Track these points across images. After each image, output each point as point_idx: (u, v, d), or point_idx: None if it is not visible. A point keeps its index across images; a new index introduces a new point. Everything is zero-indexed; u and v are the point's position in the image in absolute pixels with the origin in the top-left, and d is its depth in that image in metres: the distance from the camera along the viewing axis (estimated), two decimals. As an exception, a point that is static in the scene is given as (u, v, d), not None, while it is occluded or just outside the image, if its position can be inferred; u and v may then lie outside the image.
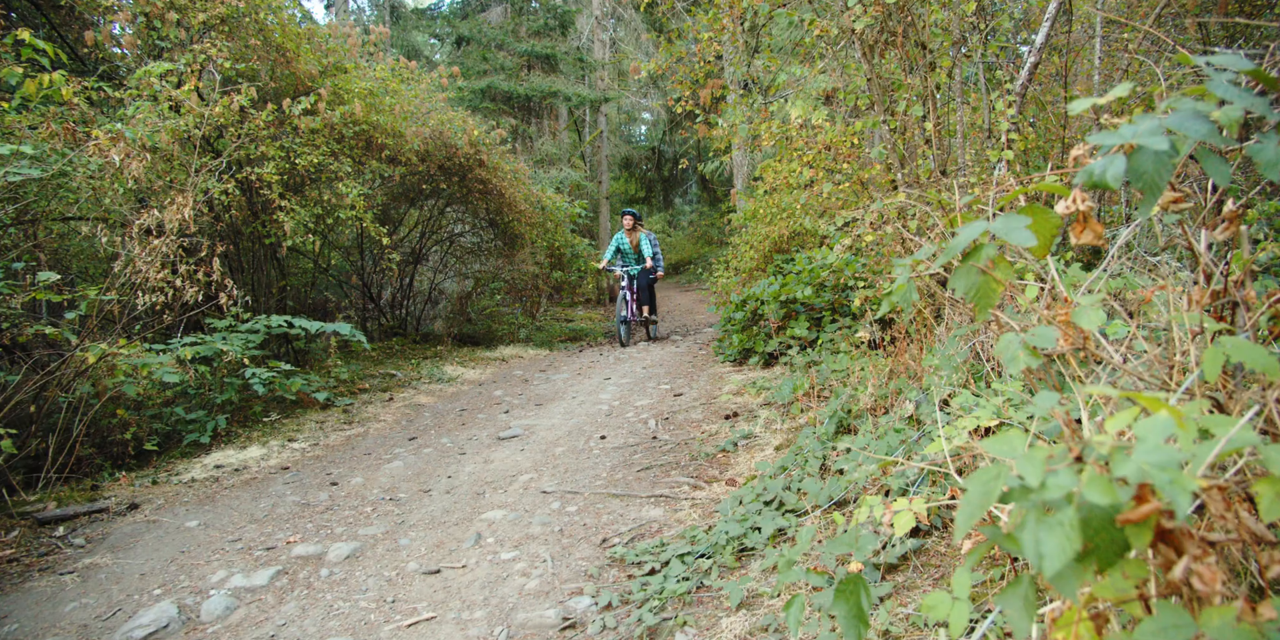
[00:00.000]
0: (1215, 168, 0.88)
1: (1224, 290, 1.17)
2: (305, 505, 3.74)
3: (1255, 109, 0.80)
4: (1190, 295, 1.16)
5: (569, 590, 2.61)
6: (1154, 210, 1.18)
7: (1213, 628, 0.67)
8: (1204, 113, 0.83)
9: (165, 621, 2.54)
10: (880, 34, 3.41)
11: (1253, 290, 1.14)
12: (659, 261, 10.55)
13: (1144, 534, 0.69)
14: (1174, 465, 0.63)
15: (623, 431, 4.77)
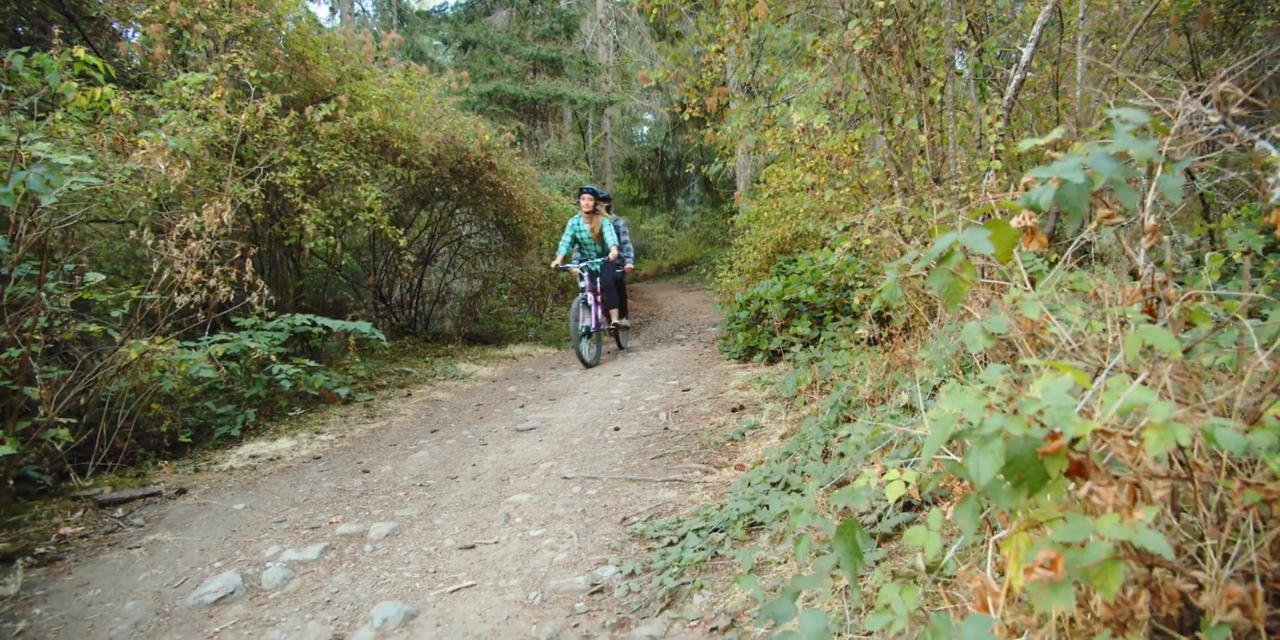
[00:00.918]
0: (1125, 194, 1.15)
1: (1151, 288, 1.44)
2: (341, 490, 4.02)
3: (1144, 153, 1.07)
4: (1124, 292, 1.43)
5: (595, 561, 2.88)
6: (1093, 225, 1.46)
7: (1103, 528, 0.94)
8: (1111, 154, 1.10)
9: (231, 588, 2.82)
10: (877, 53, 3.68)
11: (1172, 289, 1.40)
12: (628, 251, 8.96)
13: (1057, 463, 0.96)
14: (1067, 407, 0.89)
15: (635, 423, 5.04)
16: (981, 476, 0.92)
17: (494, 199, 10.53)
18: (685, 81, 7.21)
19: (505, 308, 12.43)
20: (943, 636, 0.99)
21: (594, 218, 8.62)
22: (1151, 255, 1.48)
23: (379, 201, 7.64)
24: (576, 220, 8.60)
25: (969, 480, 0.97)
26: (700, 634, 2.27)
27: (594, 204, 8.54)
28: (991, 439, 0.94)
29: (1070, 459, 1.01)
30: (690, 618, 2.36)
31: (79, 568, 3.06)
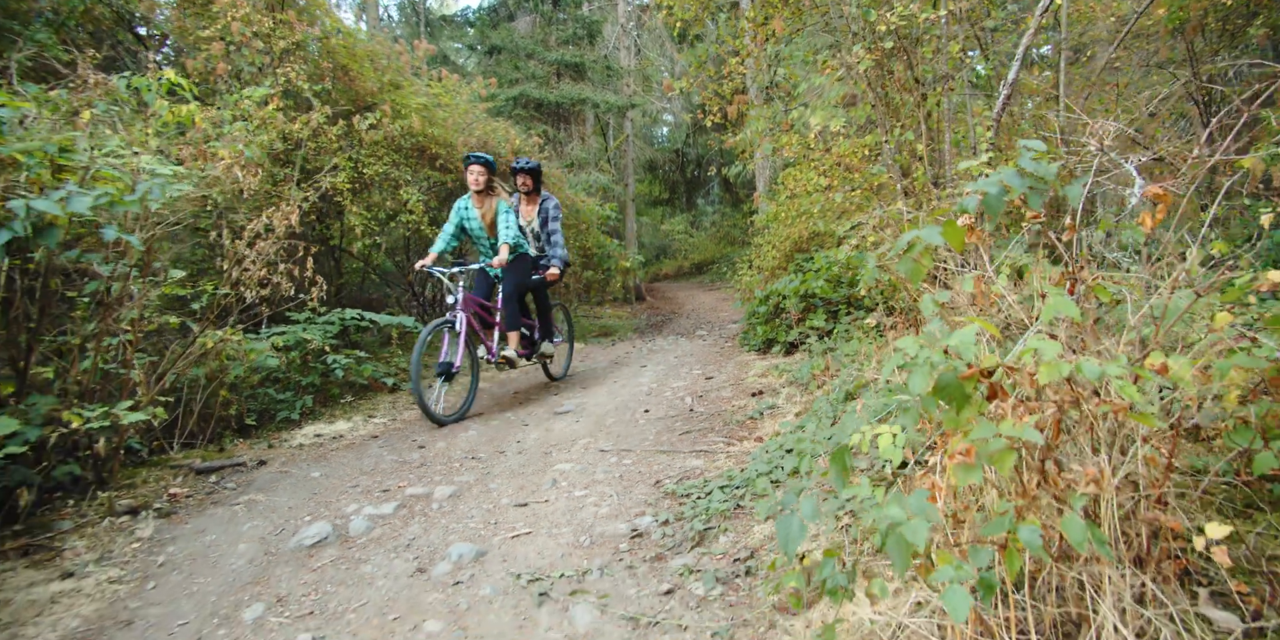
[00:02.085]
0: (1033, 200, 1.60)
1: (1073, 271, 1.89)
2: (402, 462, 4.52)
3: (1041, 173, 1.53)
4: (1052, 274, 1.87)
5: (634, 513, 3.36)
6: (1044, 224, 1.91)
7: (1003, 429, 1.39)
8: (1020, 172, 1.55)
9: (325, 534, 3.32)
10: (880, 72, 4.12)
11: (1086, 272, 1.85)
12: (556, 250, 6.67)
13: (972, 384, 1.41)
14: (969, 342, 1.35)
15: (663, 406, 5.51)
16: (915, 388, 1.37)
17: (523, 201, 11.02)
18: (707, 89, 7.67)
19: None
20: (895, 503, 1.44)
21: (487, 199, 6.10)
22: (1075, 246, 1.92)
23: (419, 204, 8.17)
24: (464, 203, 6.13)
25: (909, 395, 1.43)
26: (726, 563, 2.73)
27: (487, 179, 5.99)
28: (922, 365, 1.40)
29: (989, 385, 1.46)
30: (717, 552, 2.83)
31: (193, 519, 3.58)
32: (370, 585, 2.86)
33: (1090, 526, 1.42)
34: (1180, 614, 1.67)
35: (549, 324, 6.79)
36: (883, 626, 2.05)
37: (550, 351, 6.74)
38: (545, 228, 6.71)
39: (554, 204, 6.71)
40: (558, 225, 6.67)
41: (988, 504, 1.65)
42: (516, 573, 2.83)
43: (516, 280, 6.16)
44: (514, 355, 6.09)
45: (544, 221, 6.71)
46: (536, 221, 6.73)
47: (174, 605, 2.78)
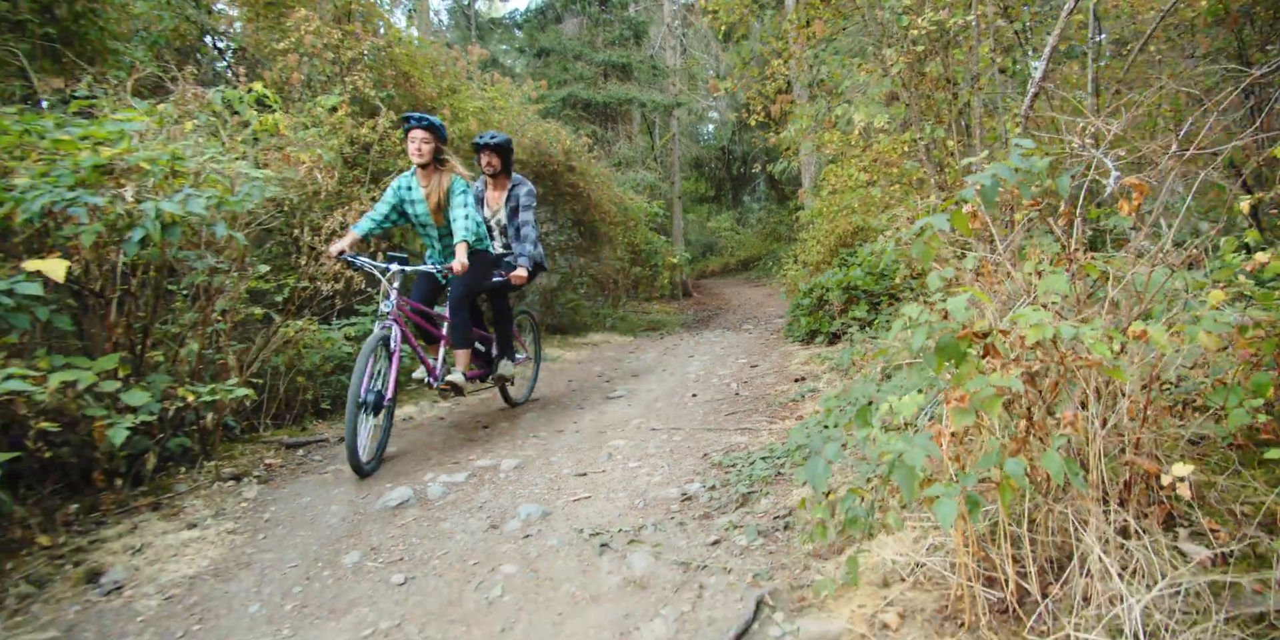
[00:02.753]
0: (1024, 189, 1.89)
1: (1070, 253, 2.16)
2: (469, 440, 4.91)
3: (1030, 166, 1.81)
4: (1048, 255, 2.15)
5: (683, 480, 3.69)
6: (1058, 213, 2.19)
7: (992, 380, 1.69)
8: (1012, 167, 1.84)
9: (406, 498, 3.71)
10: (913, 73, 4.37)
11: (1081, 254, 2.12)
12: (528, 244, 5.49)
13: (967, 343, 1.71)
14: (960, 307, 1.64)
15: (710, 391, 5.83)
16: (915, 346, 1.68)
17: (574, 199, 11.42)
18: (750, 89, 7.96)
19: (581, 302, 13.32)
20: (903, 440, 1.75)
21: (436, 176, 4.73)
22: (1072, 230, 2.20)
23: (477, 203, 8.60)
24: (405, 180, 4.83)
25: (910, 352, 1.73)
26: (766, 520, 3.05)
27: (433, 149, 4.65)
28: (921, 325, 1.70)
29: (984, 346, 1.76)
30: (758, 512, 3.15)
31: (288, 485, 4.01)
32: (450, 538, 3.24)
33: (1067, 461, 1.71)
34: (1154, 545, 1.94)
35: (508, 338, 5.51)
36: (903, 565, 2.35)
37: (510, 373, 5.45)
38: (514, 219, 5.50)
39: (527, 190, 5.47)
40: (530, 216, 5.45)
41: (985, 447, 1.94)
42: (579, 528, 3.19)
43: (469, 283, 4.83)
44: (462, 380, 4.80)
45: (513, 211, 5.51)
46: (504, 211, 5.55)
47: (283, 552, 3.19)
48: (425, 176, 4.74)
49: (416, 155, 4.63)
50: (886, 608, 2.20)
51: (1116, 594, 1.85)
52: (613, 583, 2.69)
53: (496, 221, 5.64)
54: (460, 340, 4.93)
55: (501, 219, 5.62)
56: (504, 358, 5.50)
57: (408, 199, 4.82)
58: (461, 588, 2.77)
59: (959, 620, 2.08)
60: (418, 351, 4.72)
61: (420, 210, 4.84)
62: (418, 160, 4.65)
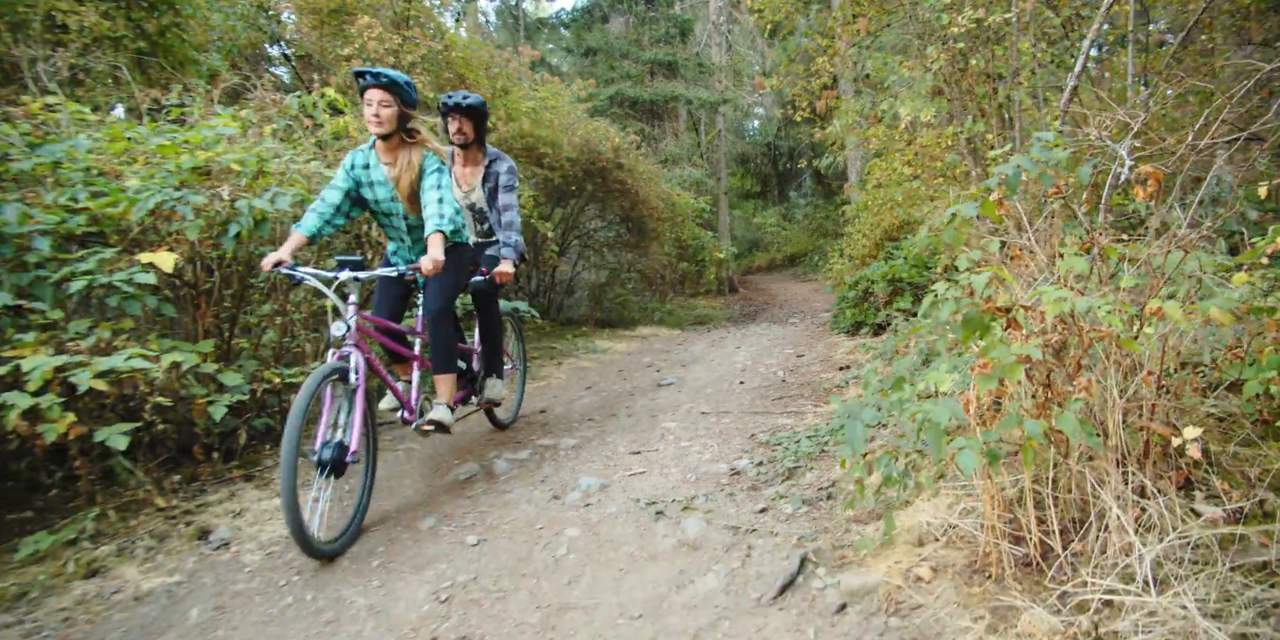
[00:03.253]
0: (1045, 179, 2.08)
1: (1093, 237, 2.34)
2: (528, 423, 5.19)
3: (1049, 157, 2.00)
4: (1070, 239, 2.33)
5: (732, 457, 3.92)
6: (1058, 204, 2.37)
7: (1013, 348, 1.88)
8: (1033, 158, 2.03)
9: (474, 472, 4.01)
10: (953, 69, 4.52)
11: (1102, 238, 2.29)
12: (511, 233, 4.40)
13: (990, 316, 1.91)
14: (983, 283, 1.84)
15: (757, 378, 6.04)
16: (941, 318, 1.88)
17: (622, 195, 11.67)
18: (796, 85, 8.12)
19: (629, 297, 13.57)
20: (931, 402, 1.95)
21: (404, 151, 3.68)
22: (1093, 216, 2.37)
23: (530, 199, 8.91)
24: (362, 156, 3.75)
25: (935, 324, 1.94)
26: (811, 491, 3.27)
27: (396, 114, 3.55)
28: (947, 300, 1.91)
29: (1007, 320, 1.96)
30: (803, 484, 3.37)
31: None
32: (516, 507, 3.51)
33: (1083, 423, 1.90)
34: (1168, 504, 2.12)
35: (497, 351, 4.52)
36: (937, 527, 2.56)
37: (500, 395, 4.48)
38: (494, 203, 4.41)
39: (508, 167, 4.37)
40: (513, 198, 4.37)
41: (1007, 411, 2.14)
42: (635, 498, 3.44)
43: (449, 288, 3.82)
44: (449, 417, 3.80)
45: (492, 193, 4.41)
46: (481, 192, 4.43)
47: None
48: (388, 151, 3.61)
49: (375, 123, 3.47)
50: (920, 563, 2.41)
51: (1131, 546, 2.03)
52: (668, 544, 2.93)
53: (471, 205, 4.49)
54: (444, 362, 3.81)
55: (478, 202, 4.48)
56: (492, 374, 4.48)
57: (365, 181, 3.67)
58: (530, 548, 3.04)
59: (987, 573, 2.28)
60: (387, 381, 3.68)
61: (383, 195, 3.69)
62: (377, 130, 3.49)
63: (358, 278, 3.35)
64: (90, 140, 3.92)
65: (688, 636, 2.27)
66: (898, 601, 2.30)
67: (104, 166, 3.97)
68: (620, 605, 2.51)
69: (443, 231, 3.43)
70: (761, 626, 2.29)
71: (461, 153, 4.43)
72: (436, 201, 3.49)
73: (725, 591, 2.52)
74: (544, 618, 2.47)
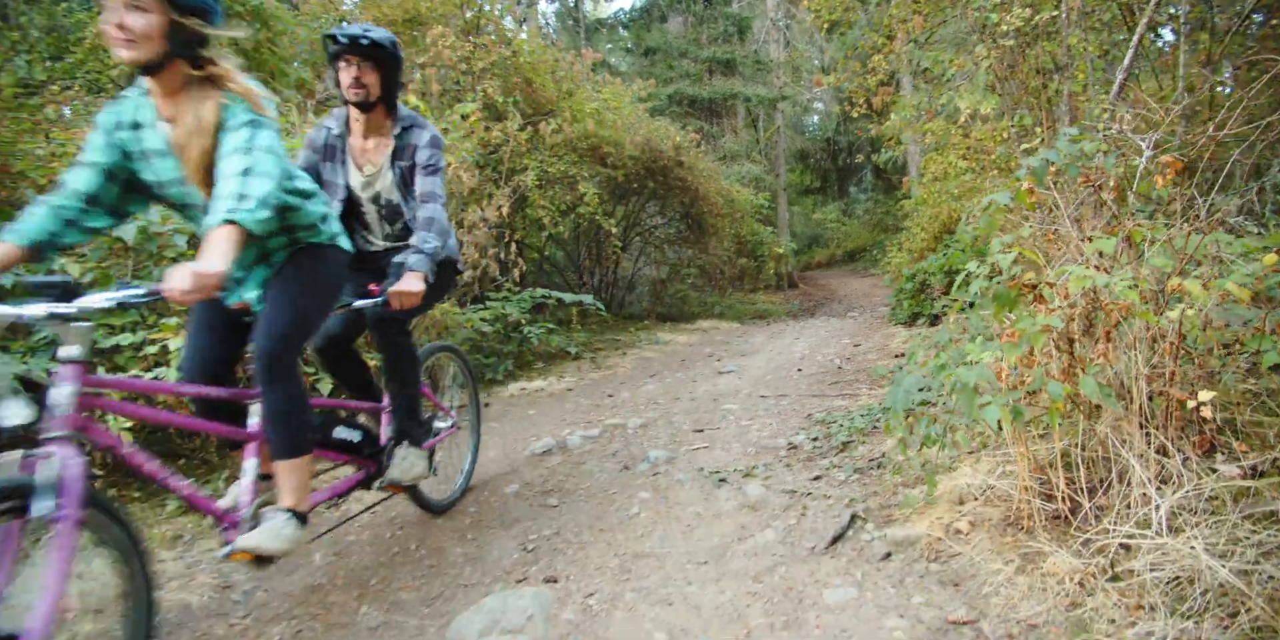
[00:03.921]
0: (1072, 170, 2.32)
1: (1119, 223, 2.55)
2: (596, 406, 5.55)
3: (1071, 150, 2.24)
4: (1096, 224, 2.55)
5: (789, 433, 4.20)
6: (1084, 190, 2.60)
7: (1038, 319, 2.13)
8: (1058, 151, 2.28)
9: (550, 446, 4.37)
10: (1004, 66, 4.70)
11: (1128, 222, 2.51)
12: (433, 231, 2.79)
13: (1015, 292, 2.16)
14: (1008, 260, 2.09)
15: (814, 366, 6.29)
16: (970, 294, 2.14)
17: (682, 192, 11.98)
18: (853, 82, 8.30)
19: (689, 292, 13.87)
20: (964, 368, 2.21)
21: (188, 99, 2.08)
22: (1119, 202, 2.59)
23: (595, 196, 9.28)
24: (129, 110, 2.14)
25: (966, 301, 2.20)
26: (863, 462, 3.53)
27: (163, 27, 1.95)
28: (978, 278, 2.17)
29: (1035, 295, 2.21)
30: (856, 456, 3.63)
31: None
32: (590, 476, 3.86)
33: (1101, 387, 2.15)
34: (1187, 463, 2.33)
35: (411, 407, 3.16)
36: (976, 488, 2.81)
37: (413, 475, 3.06)
38: (411, 188, 2.97)
39: (429, 137, 2.95)
40: (438, 184, 2.92)
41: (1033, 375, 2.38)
42: (700, 467, 3.75)
43: (291, 316, 2.37)
44: (274, 542, 2.23)
45: (406, 174, 2.97)
46: (391, 176, 2.98)
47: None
48: (169, 100, 2.12)
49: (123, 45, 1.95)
50: (959, 518, 2.66)
51: (1149, 497, 2.26)
52: (730, 505, 3.23)
53: (376, 196, 2.99)
54: (283, 440, 2.34)
55: (386, 191, 2.98)
56: (403, 443, 3.04)
57: (136, 149, 2.18)
58: (605, 508, 3.37)
59: (1020, 526, 2.52)
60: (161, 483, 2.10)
61: (166, 172, 2.19)
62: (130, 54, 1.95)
63: (62, 315, 1.78)
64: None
65: (749, 578, 2.58)
66: (938, 550, 2.56)
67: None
68: (688, 554, 2.82)
69: (236, 224, 1.88)
70: (814, 570, 2.58)
71: (361, 118, 2.86)
72: (238, 174, 1.97)
73: (782, 543, 2.81)
74: (621, 563, 2.80)
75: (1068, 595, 2.15)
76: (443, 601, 2.66)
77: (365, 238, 3.12)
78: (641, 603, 2.48)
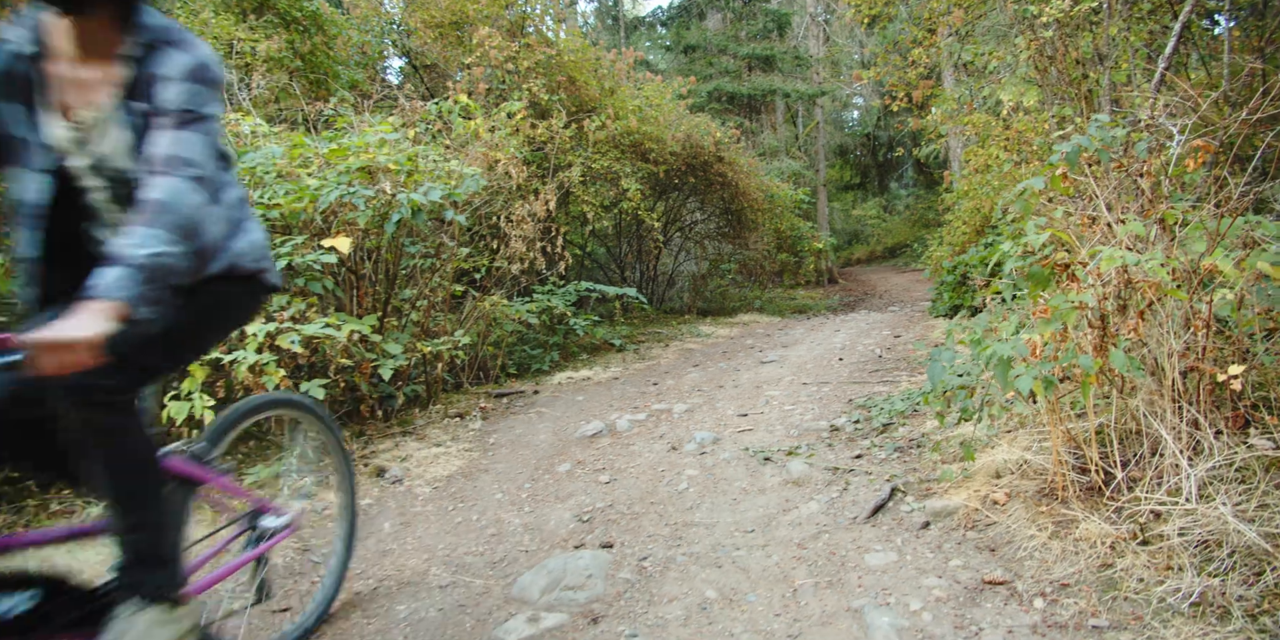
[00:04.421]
0: (1104, 155, 2.43)
1: (1152, 206, 2.65)
2: (642, 393, 5.72)
3: (1103, 137, 2.35)
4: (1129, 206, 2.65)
5: (831, 417, 4.33)
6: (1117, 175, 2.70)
7: (1070, 296, 2.25)
8: (1090, 136, 2.39)
9: (599, 429, 4.55)
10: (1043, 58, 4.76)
11: (1163, 205, 2.60)
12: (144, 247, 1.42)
13: (1049, 271, 2.28)
14: (1041, 241, 2.21)
15: (855, 356, 6.39)
16: (1006, 270, 2.27)
17: (722, 188, 12.09)
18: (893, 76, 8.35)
19: (728, 288, 13.99)
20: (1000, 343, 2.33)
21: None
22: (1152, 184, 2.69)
23: (637, 192, 9.46)
24: None
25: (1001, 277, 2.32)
26: (903, 442, 3.65)
27: None
28: (1013, 257, 2.29)
29: (1068, 275, 2.33)
30: (895, 436, 3.75)
31: (503, 422, 4.94)
32: (639, 456, 4.03)
33: (1130, 359, 2.26)
34: (1218, 436, 2.43)
35: (142, 529, 1.65)
36: (1014, 462, 2.92)
37: None
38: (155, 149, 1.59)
39: (188, 62, 1.63)
40: (192, 140, 1.60)
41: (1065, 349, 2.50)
42: (745, 447, 3.90)
43: None
44: None
45: (142, 122, 1.64)
46: (121, 129, 1.65)
47: (509, 463, 4.08)
48: None
49: None
50: (996, 491, 2.78)
51: (1180, 467, 2.36)
52: (775, 481, 3.38)
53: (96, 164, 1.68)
54: None
55: (110, 154, 1.68)
56: (134, 596, 1.61)
57: None
58: (655, 484, 3.54)
59: (1054, 496, 2.64)
60: None
61: None
62: None
63: None
64: (281, 148, 4.63)
65: (794, 544, 2.73)
66: (975, 520, 2.69)
67: (283, 169, 4.70)
68: (735, 523, 2.98)
69: None
70: (856, 538, 2.72)
71: (68, 25, 1.65)
72: None
73: (825, 514, 2.96)
74: (672, 531, 2.97)
75: (1099, 558, 2.27)
76: (506, 564, 2.85)
77: (93, 238, 1.76)
78: (693, 565, 2.64)
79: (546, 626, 2.33)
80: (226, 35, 6.35)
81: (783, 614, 2.27)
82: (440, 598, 2.61)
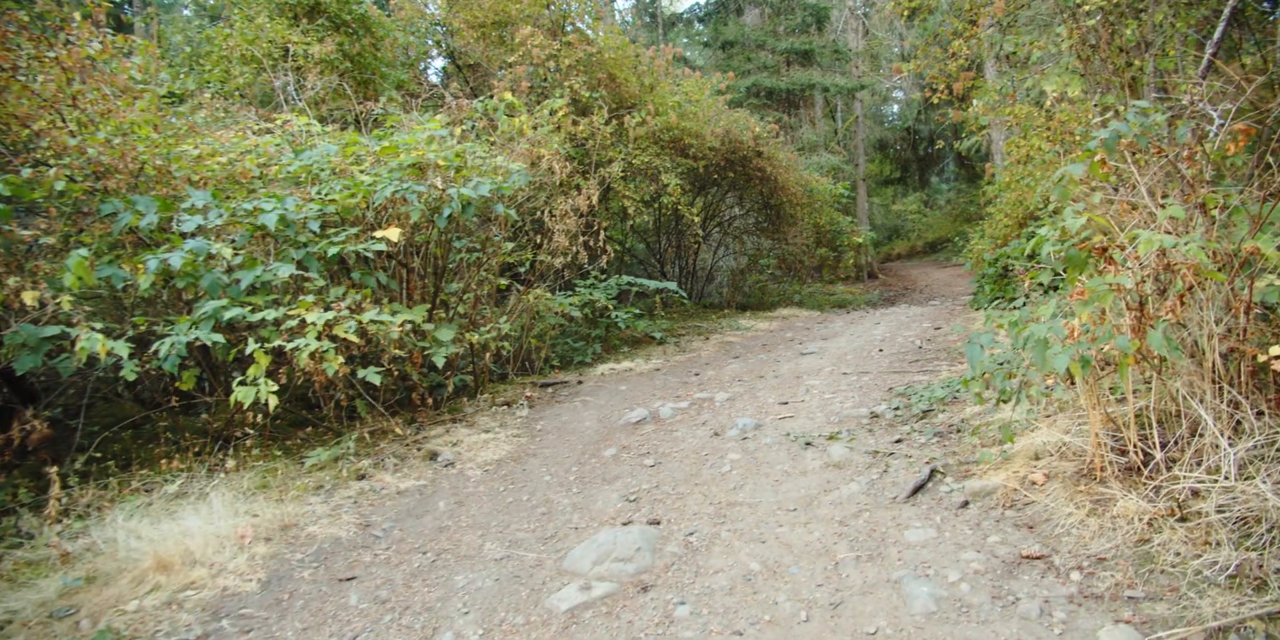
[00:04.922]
0: (1141, 141, 2.47)
1: (1193, 191, 2.68)
2: (684, 383, 5.82)
3: (1140, 123, 2.40)
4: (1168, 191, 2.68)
5: (871, 405, 4.39)
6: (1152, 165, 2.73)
7: (1106, 279, 2.30)
8: (1129, 122, 2.44)
9: (643, 416, 4.66)
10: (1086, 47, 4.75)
11: (1201, 189, 2.63)
12: None
13: (1087, 253, 2.34)
14: (1079, 225, 2.27)
15: (895, 347, 6.42)
16: (1044, 253, 2.33)
17: (761, 182, 12.13)
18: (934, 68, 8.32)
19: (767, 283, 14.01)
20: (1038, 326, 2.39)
21: None
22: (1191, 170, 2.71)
23: (677, 187, 9.56)
24: None
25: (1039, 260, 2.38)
26: (943, 427, 3.71)
27: None
28: (1051, 240, 2.34)
29: (1105, 258, 2.38)
30: (935, 422, 3.81)
31: (549, 409, 5.08)
32: (683, 441, 4.13)
33: (1168, 340, 2.30)
34: (1258, 417, 2.46)
35: None
36: (1054, 444, 2.97)
37: None
38: None
39: None
40: None
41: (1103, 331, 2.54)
42: (786, 433, 3.98)
43: None
44: None
45: None
46: None
47: (556, 449, 4.21)
48: None
49: None
50: (1035, 471, 2.84)
51: (1219, 447, 2.40)
52: (816, 464, 3.47)
53: None
54: None
55: None
56: None
57: None
58: (699, 467, 3.65)
59: (1093, 477, 2.69)
60: None
61: None
62: None
63: None
64: (336, 146, 4.82)
65: (835, 522, 2.81)
66: (1013, 499, 2.75)
67: (338, 166, 4.88)
68: (778, 503, 3.07)
69: None
70: (896, 516, 2.80)
71: None
72: None
73: (866, 494, 3.04)
74: (716, 510, 3.07)
75: (1136, 533, 2.32)
76: (557, 540, 2.97)
77: None
78: (737, 540, 2.74)
79: (598, 594, 2.45)
80: (282, 39, 6.58)
81: (825, 584, 2.37)
82: (496, 569, 2.75)
